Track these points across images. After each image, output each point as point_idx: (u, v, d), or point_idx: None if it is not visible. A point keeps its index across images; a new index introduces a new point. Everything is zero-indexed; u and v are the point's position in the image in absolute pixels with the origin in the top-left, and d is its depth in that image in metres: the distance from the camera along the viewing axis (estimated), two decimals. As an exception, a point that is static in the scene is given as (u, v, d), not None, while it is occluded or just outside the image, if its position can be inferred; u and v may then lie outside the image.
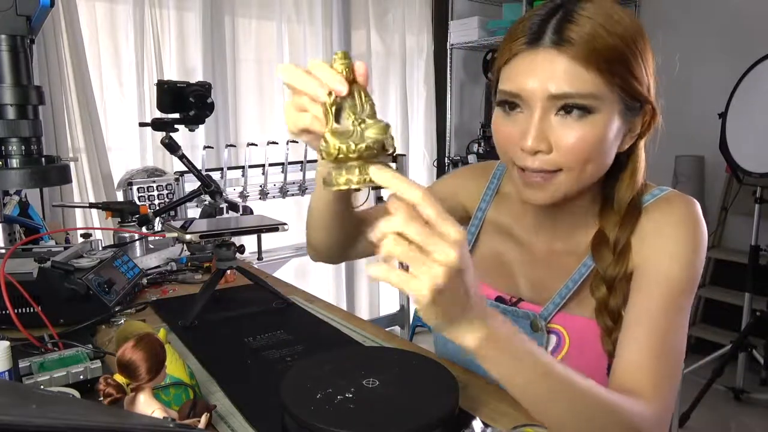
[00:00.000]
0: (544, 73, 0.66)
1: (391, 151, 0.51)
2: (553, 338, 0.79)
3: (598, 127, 0.67)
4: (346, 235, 0.88)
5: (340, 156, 0.49)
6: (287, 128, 0.57)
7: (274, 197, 2.60)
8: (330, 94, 0.51)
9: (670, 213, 0.74)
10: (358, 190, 0.51)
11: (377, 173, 0.48)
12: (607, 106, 0.67)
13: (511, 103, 0.71)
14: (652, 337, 0.69)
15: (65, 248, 1.21)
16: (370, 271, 0.48)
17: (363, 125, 0.50)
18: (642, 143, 0.76)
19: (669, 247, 0.72)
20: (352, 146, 0.49)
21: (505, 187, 0.93)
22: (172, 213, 1.70)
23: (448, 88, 3.46)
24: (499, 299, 0.86)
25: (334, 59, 0.52)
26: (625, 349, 0.70)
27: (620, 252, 0.75)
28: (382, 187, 0.49)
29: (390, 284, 0.48)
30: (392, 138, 0.51)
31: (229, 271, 1.28)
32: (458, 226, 0.48)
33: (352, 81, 0.52)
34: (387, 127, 0.51)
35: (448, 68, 3.43)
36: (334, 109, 0.52)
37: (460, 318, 0.51)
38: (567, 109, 0.66)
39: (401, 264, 0.48)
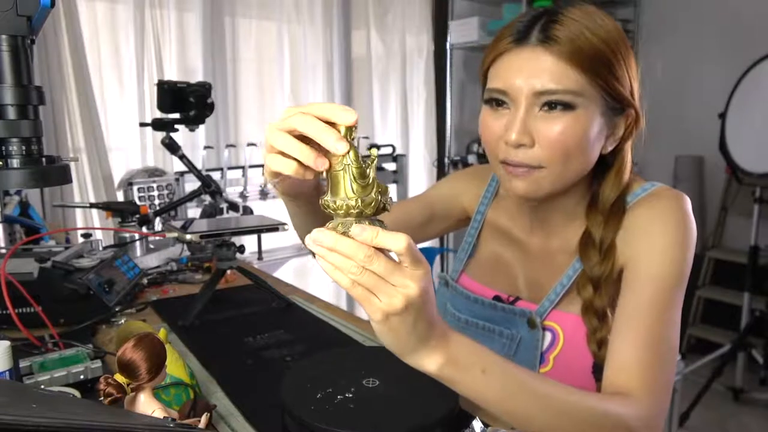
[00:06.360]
0: (529, 70, 0.69)
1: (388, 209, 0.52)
2: (548, 335, 0.80)
3: (580, 123, 0.69)
4: None
5: (353, 211, 0.50)
6: (265, 170, 0.56)
7: (274, 197, 2.59)
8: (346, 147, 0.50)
9: (659, 208, 0.75)
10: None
11: (361, 234, 0.49)
12: (589, 103, 0.69)
13: (498, 100, 0.73)
14: (642, 334, 0.69)
15: (66, 248, 1.21)
16: (335, 277, 0.49)
17: (370, 184, 0.51)
18: (628, 145, 0.77)
19: (658, 243, 0.73)
20: (352, 202, 0.50)
21: (502, 189, 0.94)
22: (173, 213, 1.71)
23: (448, 89, 3.46)
24: (496, 298, 0.86)
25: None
26: (616, 347, 0.70)
27: (606, 251, 0.75)
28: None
29: (352, 295, 0.50)
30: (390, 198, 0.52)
31: (229, 271, 1.28)
32: (424, 262, 0.50)
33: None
34: (387, 189, 0.52)
35: (448, 68, 3.43)
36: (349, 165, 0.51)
37: (420, 347, 0.53)
38: (551, 104, 0.69)
39: None
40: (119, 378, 0.61)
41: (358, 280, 0.49)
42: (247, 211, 1.89)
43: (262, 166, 2.49)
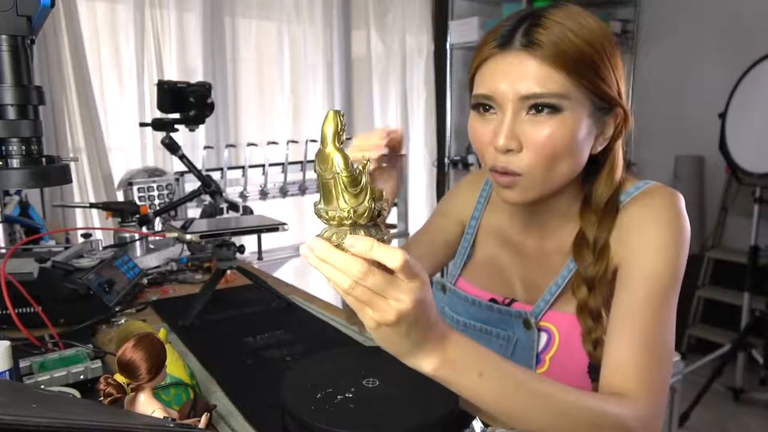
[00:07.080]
0: (514, 74, 0.69)
1: (385, 215, 0.52)
2: (544, 336, 0.80)
3: (566, 126, 0.69)
4: None
5: (346, 222, 0.50)
6: None
7: (274, 197, 2.60)
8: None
9: (653, 206, 0.75)
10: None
11: (354, 246, 0.49)
12: (575, 105, 0.69)
13: (484, 105, 0.73)
14: (637, 334, 0.69)
15: (65, 248, 1.21)
16: (331, 283, 0.50)
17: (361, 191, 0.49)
18: (618, 144, 0.77)
19: (652, 242, 0.73)
20: (344, 213, 0.49)
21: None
22: (173, 213, 1.71)
23: (448, 89, 3.46)
24: (492, 301, 0.86)
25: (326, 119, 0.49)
26: (611, 347, 0.70)
27: (600, 251, 0.75)
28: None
29: (348, 302, 0.50)
30: (386, 202, 0.51)
31: (229, 271, 1.28)
32: (421, 273, 0.50)
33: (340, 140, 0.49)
34: (382, 193, 0.51)
35: (448, 68, 3.43)
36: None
37: (415, 350, 0.53)
38: (537, 108, 0.69)
39: None
40: (119, 378, 0.61)
41: (350, 293, 0.49)
42: (247, 211, 1.89)
43: (262, 166, 2.51)
